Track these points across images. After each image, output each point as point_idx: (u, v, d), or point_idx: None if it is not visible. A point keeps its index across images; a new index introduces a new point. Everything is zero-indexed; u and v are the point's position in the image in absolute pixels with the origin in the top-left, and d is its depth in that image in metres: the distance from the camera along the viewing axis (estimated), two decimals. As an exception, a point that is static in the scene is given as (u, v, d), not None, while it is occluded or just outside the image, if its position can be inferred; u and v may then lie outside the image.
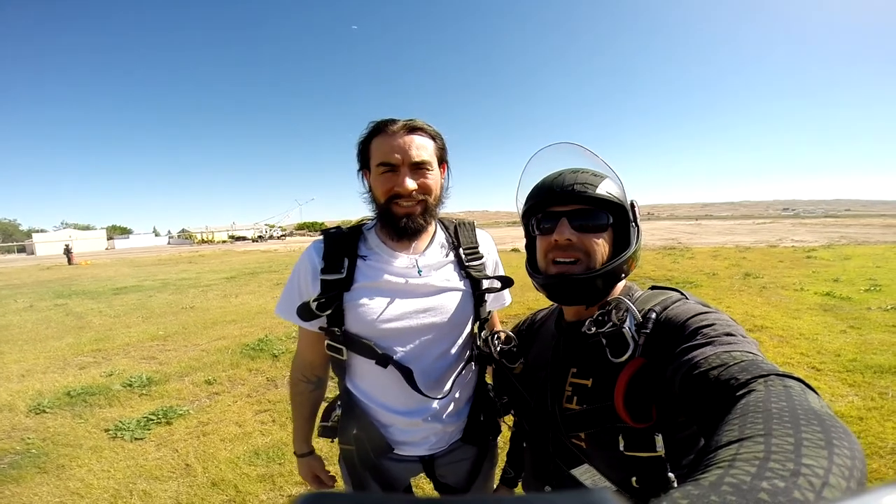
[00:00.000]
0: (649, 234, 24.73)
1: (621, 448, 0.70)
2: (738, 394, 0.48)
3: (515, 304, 5.84)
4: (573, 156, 0.87)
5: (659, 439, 0.67)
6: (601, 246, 0.79)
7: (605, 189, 0.79)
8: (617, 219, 0.81)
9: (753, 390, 0.47)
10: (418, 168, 1.01)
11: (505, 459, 1.16)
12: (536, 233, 0.86)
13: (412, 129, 1.00)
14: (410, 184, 0.99)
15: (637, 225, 0.82)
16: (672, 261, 11.75)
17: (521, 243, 0.92)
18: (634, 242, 0.80)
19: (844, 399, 3.14)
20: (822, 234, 21.52)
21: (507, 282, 1.14)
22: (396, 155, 0.98)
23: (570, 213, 0.80)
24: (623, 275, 0.81)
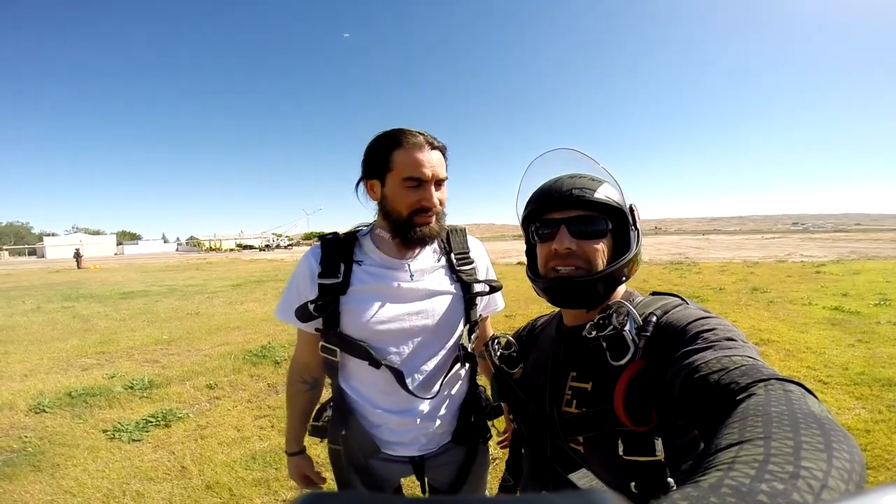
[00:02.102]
0: (656, 249, 24.62)
1: (620, 452, 0.69)
2: (738, 398, 0.48)
3: (519, 317, 5.94)
4: (572, 161, 0.87)
5: (658, 443, 0.67)
6: (601, 252, 0.79)
7: (604, 194, 0.79)
8: (616, 224, 0.81)
9: (754, 394, 0.47)
10: (439, 184, 1.04)
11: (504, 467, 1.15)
12: (536, 239, 0.86)
13: (434, 145, 1.03)
14: (436, 200, 1.03)
15: (637, 229, 0.82)
16: (679, 275, 11.64)
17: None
18: (635, 246, 0.80)
19: (851, 412, 3.09)
20: (831, 249, 21.24)
21: (495, 286, 1.17)
22: (426, 171, 1.00)
23: (568, 220, 0.79)
24: (623, 278, 0.81)
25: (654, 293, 0.84)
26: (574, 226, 0.79)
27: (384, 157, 1.02)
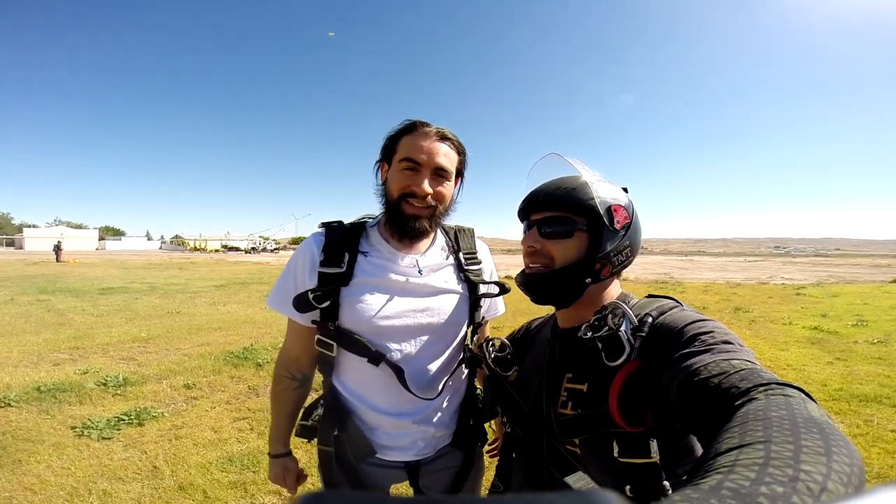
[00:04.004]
0: (641, 269, 25.06)
1: (615, 454, 0.68)
2: (737, 402, 0.48)
3: (506, 328, 5.90)
4: (564, 165, 0.88)
5: (654, 445, 0.66)
6: (565, 251, 0.80)
7: (576, 195, 0.80)
8: (596, 223, 0.81)
9: (754, 399, 0.47)
10: (439, 175, 1.01)
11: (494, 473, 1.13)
12: None
13: (444, 137, 1.02)
14: (427, 187, 0.99)
15: (615, 229, 0.81)
16: (663, 294, 11.76)
17: (514, 270, 0.94)
18: (608, 245, 0.80)
19: (830, 428, 3.16)
20: (811, 272, 21.83)
21: (503, 288, 1.14)
22: (423, 155, 0.99)
23: (540, 221, 0.83)
24: (589, 278, 0.80)
25: (649, 296, 0.85)
26: (544, 226, 0.82)
27: (394, 141, 1.03)
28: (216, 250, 69.83)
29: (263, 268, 22.47)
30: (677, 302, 0.79)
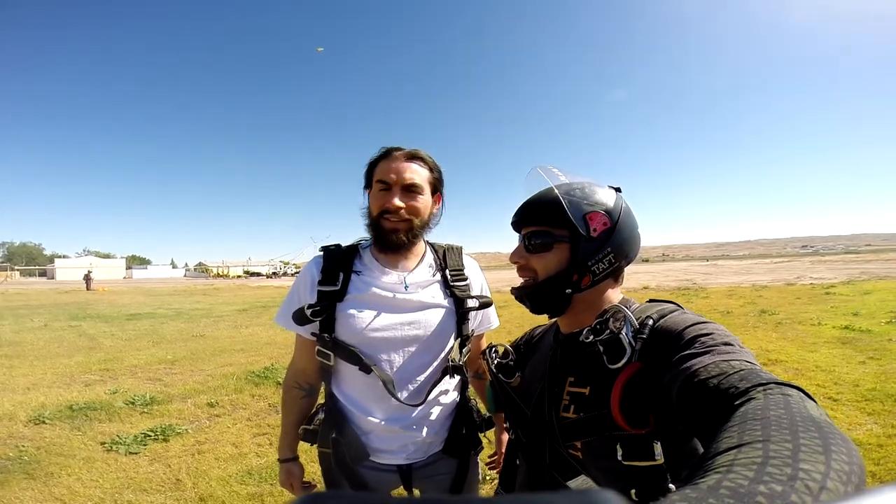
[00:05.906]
0: (664, 276, 24.55)
1: (619, 457, 0.68)
2: (736, 402, 0.48)
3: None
4: (553, 176, 0.89)
5: (658, 447, 0.65)
6: (546, 264, 0.81)
7: (550, 209, 0.81)
8: (575, 233, 0.80)
9: (752, 398, 0.47)
10: (409, 190, 1.10)
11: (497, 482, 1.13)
12: None
13: (412, 156, 1.12)
14: (398, 202, 1.09)
15: (591, 237, 0.79)
16: (686, 300, 11.46)
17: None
18: (584, 255, 0.79)
19: (863, 427, 3.02)
20: (841, 270, 20.92)
21: (485, 302, 1.21)
22: (392, 175, 1.09)
23: (526, 236, 0.85)
24: (569, 289, 0.80)
25: (650, 300, 0.85)
26: (531, 240, 0.84)
27: (372, 169, 1.14)
28: (238, 276, 71.33)
29: (284, 291, 22.72)
30: (678, 306, 0.79)
